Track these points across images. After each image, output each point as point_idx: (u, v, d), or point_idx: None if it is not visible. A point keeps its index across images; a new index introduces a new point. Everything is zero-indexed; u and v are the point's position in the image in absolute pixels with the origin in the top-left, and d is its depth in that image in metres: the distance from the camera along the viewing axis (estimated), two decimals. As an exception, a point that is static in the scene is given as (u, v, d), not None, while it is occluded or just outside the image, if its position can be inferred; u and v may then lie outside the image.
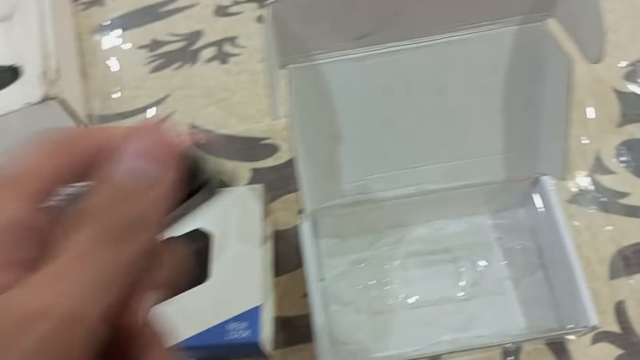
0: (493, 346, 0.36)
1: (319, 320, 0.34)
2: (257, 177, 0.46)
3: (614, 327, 0.40)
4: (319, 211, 0.37)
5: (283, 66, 0.32)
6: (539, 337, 0.36)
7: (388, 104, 0.34)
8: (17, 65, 0.44)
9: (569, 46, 0.32)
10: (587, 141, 0.47)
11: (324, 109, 0.34)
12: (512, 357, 0.38)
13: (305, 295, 0.40)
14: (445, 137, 0.36)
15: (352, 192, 0.37)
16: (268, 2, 0.29)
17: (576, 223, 0.42)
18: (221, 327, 0.31)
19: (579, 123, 0.46)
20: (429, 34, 0.33)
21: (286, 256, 0.42)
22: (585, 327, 0.34)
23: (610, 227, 0.43)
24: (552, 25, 0.34)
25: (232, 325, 0.31)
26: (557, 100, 0.33)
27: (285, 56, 0.32)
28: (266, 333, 0.33)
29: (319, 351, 0.34)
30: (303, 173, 0.34)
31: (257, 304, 0.32)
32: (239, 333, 0.31)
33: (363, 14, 0.31)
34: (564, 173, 0.34)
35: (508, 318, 0.38)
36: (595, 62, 0.30)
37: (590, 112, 0.48)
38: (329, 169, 0.36)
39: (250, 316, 0.32)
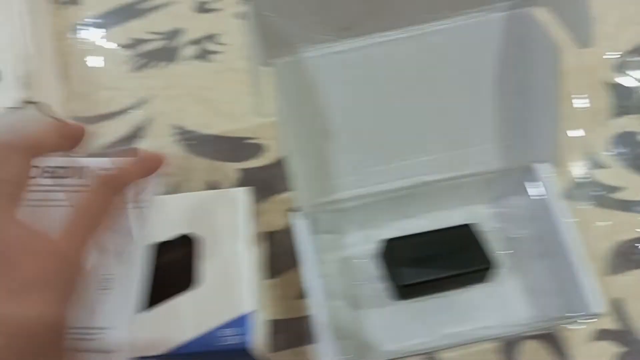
0: (497, 338, 0.35)
1: (320, 316, 0.33)
2: (243, 177, 0.44)
3: (611, 325, 0.39)
4: (314, 207, 0.35)
5: (268, 61, 0.31)
6: (544, 326, 0.35)
7: (378, 96, 0.33)
8: (-5, 69, 0.43)
9: (559, 33, 0.32)
10: (578, 134, 0.46)
11: (313, 103, 0.33)
12: (512, 349, 0.37)
13: (299, 297, 0.39)
14: (439, 127, 0.35)
15: (347, 187, 0.36)
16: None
17: (570, 219, 0.42)
18: (212, 334, 0.30)
19: (570, 116, 0.46)
20: (415, 23, 0.32)
21: (277, 258, 0.41)
22: (593, 314, 0.33)
23: (604, 223, 0.42)
24: (540, 12, 0.33)
25: (223, 331, 0.30)
26: (546, 87, 0.33)
27: (269, 51, 0.31)
28: (258, 338, 0.31)
29: (321, 348, 0.32)
30: (295, 170, 0.32)
31: (248, 309, 0.30)
32: (230, 339, 0.30)
33: (347, 5, 0.30)
34: (558, 160, 0.34)
35: (510, 308, 0.37)
36: (585, 47, 0.29)
37: (580, 105, 0.47)
38: (322, 165, 0.34)
39: (241, 321, 0.30)
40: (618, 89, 0.48)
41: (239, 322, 0.30)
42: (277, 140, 0.46)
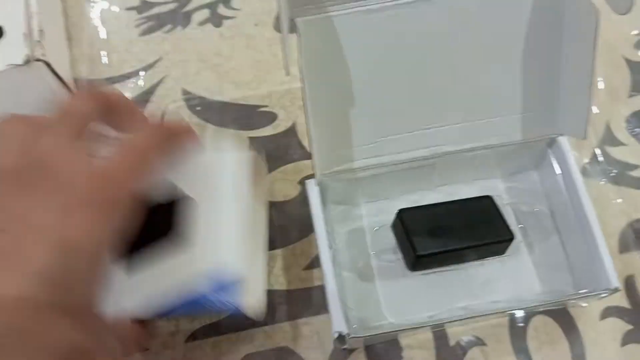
0: (509, 311, 0.35)
1: (331, 287, 0.33)
2: (254, 146, 0.43)
3: (624, 302, 0.38)
4: (328, 176, 0.35)
5: (292, 19, 0.30)
6: (556, 301, 0.35)
7: (402, 60, 0.32)
8: (-2, 24, 0.41)
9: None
10: (596, 111, 0.45)
11: (335, 66, 0.32)
12: (522, 325, 0.37)
13: (307, 267, 0.39)
14: (461, 95, 0.34)
15: (363, 156, 0.35)
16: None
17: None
18: (199, 295, 0.29)
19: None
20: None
21: (284, 229, 0.40)
22: (606, 289, 0.32)
23: (620, 200, 0.42)
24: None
25: (210, 293, 0.29)
26: (581, 56, 0.32)
27: (294, 8, 0.30)
28: (249, 300, 0.30)
29: (333, 318, 0.32)
30: (314, 135, 0.31)
31: (238, 271, 0.29)
32: (217, 301, 0.29)
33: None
34: (586, 131, 0.33)
35: (523, 282, 0.37)
36: (624, 13, 0.28)
37: (600, 81, 0.46)
38: (339, 132, 0.34)
39: (228, 284, 0.29)
40: (638, 66, 0.47)
41: (226, 285, 0.29)
42: (288, 108, 0.45)
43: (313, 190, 0.34)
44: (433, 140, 0.35)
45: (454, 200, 0.36)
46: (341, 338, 0.33)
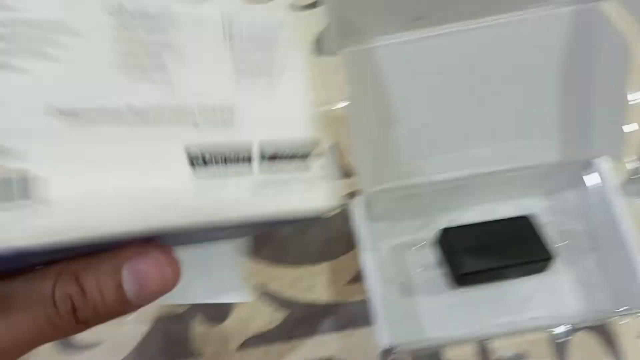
0: (551, 327, 0.36)
1: (376, 301, 0.34)
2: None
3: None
4: (372, 194, 0.37)
5: (338, 50, 0.32)
6: (595, 319, 0.36)
7: (441, 85, 0.34)
8: None
9: (629, 28, 0.32)
10: (632, 129, 0.46)
11: (378, 92, 0.33)
12: (562, 341, 0.38)
13: (349, 282, 0.40)
14: (498, 118, 0.36)
15: (404, 176, 0.36)
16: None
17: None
18: None
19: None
20: (483, 15, 0.33)
21: (329, 243, 0.42)
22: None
23: (658, 218, 0.42)
24: (609, 6, 0.33)
25: None
26: (613, 83, 0.33)
27: (340, 40, 0.32)
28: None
29: (378, 332, 0.33)
30: (359, 156, 0.33)
31: None
32: None
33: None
34: (622, 152, 0.34)
35: (562, 299, 0.38)
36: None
37: (635, 99, 0.47)
38: (381, 153, 0.35)
39: None
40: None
41: None
42: (327, 131, 0.47)
43: (357, 207, 0.36)
44: (470, 161, 0.37)
45: (495, 220, 0.37)
46: (387, 352, 0.35)
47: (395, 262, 0.39)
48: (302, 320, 0.40)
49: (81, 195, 0.17)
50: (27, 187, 0.16)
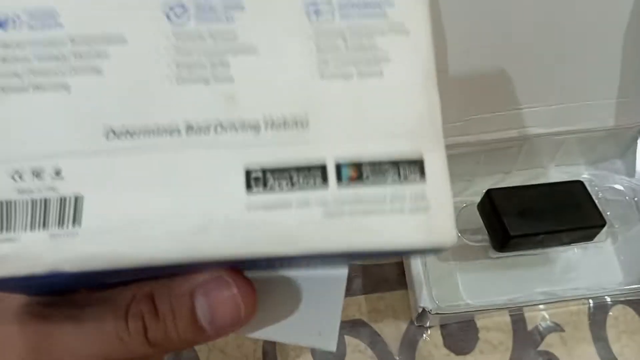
0: (590, 297, 0.35)
1: (415, 264, 0.33)
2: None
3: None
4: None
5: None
6: (635, 292, 0.34)
7: (500, 37, 0.32)
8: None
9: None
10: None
11: (433, 38, 0.31)
12: (602, 314, 0.36)
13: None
14: (555, 77, 0.33)
15: (451, 134, 0.35)
16: None
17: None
18: None
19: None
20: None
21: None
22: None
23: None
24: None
25: None
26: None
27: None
28: None
29: (417, 294, 0.32)
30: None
31: None
32: None
33: None
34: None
35: (604, 271, 0.37)
36: None
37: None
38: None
39: None
40: None
41: None
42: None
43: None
44: (523, 121, 0.35)
45: (544, 183, 0.35)
46: (423, 314, 0.33)
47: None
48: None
49: (128, 221, 0.16)
50: (79, 212, 0.16)
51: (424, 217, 0.16)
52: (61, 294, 0.19)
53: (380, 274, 0.38)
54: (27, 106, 0.17)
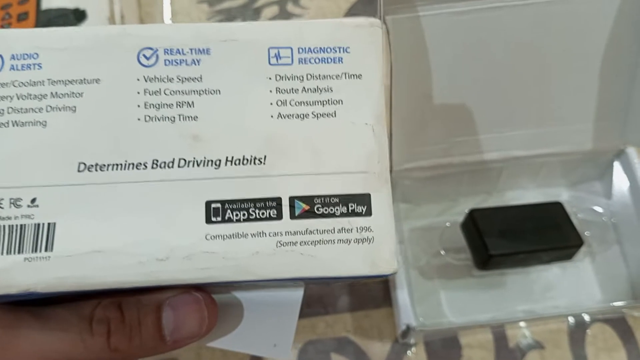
0: (569, 315, 0.36)
1: (399, 281, 0.34)
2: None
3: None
4: (397, 173, 0.36)
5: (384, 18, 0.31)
6: (613, 311, 0.36)
7: (482, 63, 0.33)
8: (82, 8, 0.43)
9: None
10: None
11: (418, 65, 0.32)
12: (579, 332, 0.37)
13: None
14: (536, 101, 0.35)
15: (434, 155, 0.36)
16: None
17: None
18: None
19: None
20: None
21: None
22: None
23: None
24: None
25: None
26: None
27: (385, 7, 0.31)
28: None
29: (400, 311, 0.33)
30: (395, 132, 0.33)
31: None
32: None
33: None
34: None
35: (583, 290, 0.38)
36: None
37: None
38: (416, 129, 0.34)
39: None
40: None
41: None
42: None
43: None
44: (503, 144, 0.36)
45: (525, 204, 0.36)
46: (407, 331, 0.34)
47: (417, 244, 0.39)
48: (317, 299, 0.39)
49: (96, 248, 0.18)
50: (51, 238, 0.18)
51: (368, 247, 0.18)
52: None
53: (367, 291, 0.39)
54: (7, 140, 0.18)
